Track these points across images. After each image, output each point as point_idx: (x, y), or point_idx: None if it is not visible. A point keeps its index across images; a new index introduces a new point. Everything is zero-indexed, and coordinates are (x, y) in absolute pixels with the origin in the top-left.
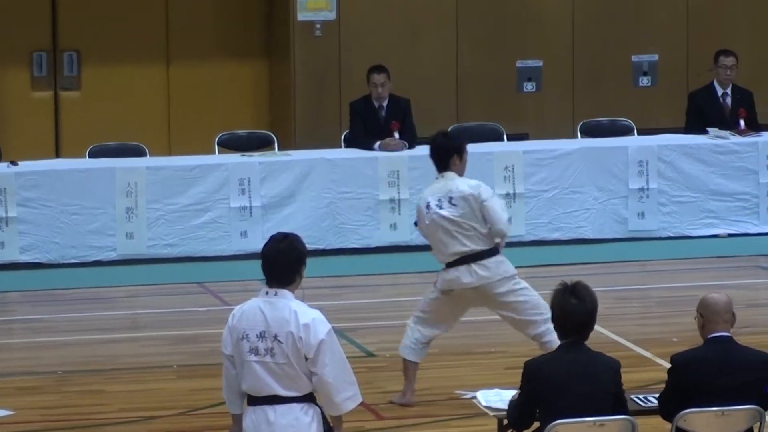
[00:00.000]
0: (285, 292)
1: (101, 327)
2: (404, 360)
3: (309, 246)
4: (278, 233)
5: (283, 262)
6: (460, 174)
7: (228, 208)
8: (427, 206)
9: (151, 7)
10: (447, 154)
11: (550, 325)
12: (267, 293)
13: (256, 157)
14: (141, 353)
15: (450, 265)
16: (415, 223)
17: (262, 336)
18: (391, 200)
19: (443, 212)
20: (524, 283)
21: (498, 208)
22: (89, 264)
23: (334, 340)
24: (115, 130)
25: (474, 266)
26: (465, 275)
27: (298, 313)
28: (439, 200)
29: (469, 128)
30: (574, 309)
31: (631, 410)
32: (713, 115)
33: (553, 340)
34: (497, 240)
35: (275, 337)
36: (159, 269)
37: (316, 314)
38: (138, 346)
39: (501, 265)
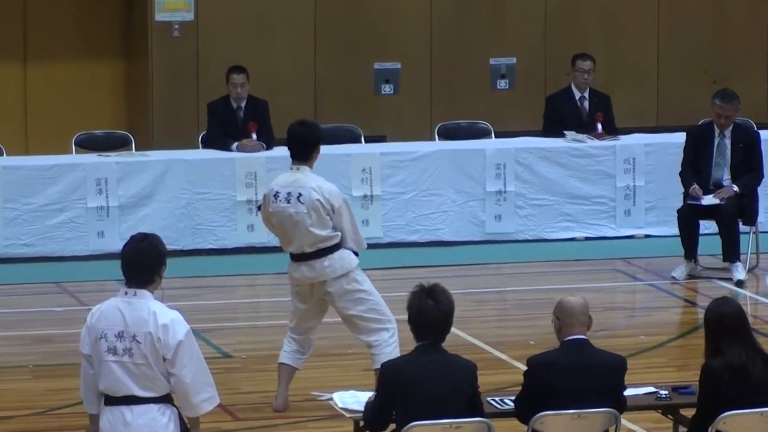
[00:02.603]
0: (144, 292)
1: None
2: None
3: (166, 247)
4: (138, 233)
5: (143, 262)
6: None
7: (85, 208)
8: (275, 195)
9: (9, 4)
10: (314, 144)
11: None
12: (126, 293)
13: (114, 158)
14: None
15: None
16: (258, 207)
17: (120, 336)
18: (249, 201)
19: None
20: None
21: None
22: None
23: (193, 342)
24: None
25: (303, 265)
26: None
27: (157, 313)
28: (289, 194)
29: (327, 130)
30: (430, 311)
31: (487, 412)
32: (571, 118)
33: (383, 353)
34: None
35: (134, 337)
36: (16, 269)
37: (175, 315)
38: None
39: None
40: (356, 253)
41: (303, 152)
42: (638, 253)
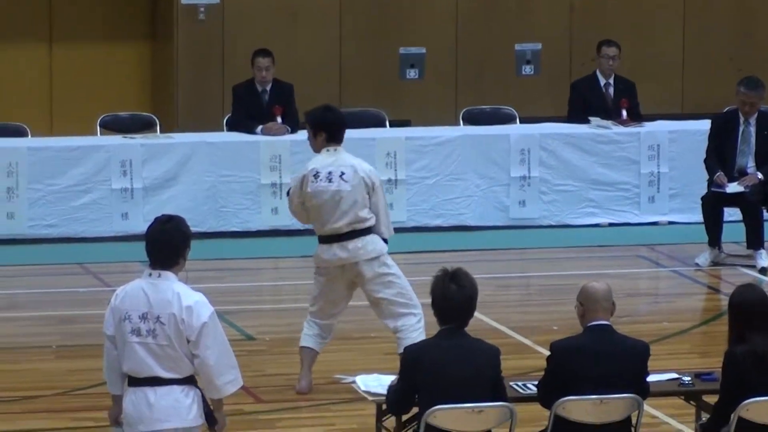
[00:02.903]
0: (168, 274)
1: None
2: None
3: (190, 229)
4: (163, 215)
5: (168, 243)
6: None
7: (109, 190)
8: (315, 175)
9: None
10: (344, 126)
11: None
12: (150, 275)
13: (138, 139)
14: (20, 333)
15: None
16: (287, 193)
17: (144, 317)
18: (273, 184)
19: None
20: (396, 269)
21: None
22: None
23: (217, 324)
24: None
25: (336, 246)
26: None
27: (181, 295)
28: (330, 173)
29: (352, 113)
30: (454, 295)
31: (510, 397)
32: (595, 104)
33: (409, 338)
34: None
35: (157, 318)
36: (40, 249)
37: (199, 297)
38: (16, 326)
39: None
40: (386, 241)
41: (337, 134)
42: (662, 240)
